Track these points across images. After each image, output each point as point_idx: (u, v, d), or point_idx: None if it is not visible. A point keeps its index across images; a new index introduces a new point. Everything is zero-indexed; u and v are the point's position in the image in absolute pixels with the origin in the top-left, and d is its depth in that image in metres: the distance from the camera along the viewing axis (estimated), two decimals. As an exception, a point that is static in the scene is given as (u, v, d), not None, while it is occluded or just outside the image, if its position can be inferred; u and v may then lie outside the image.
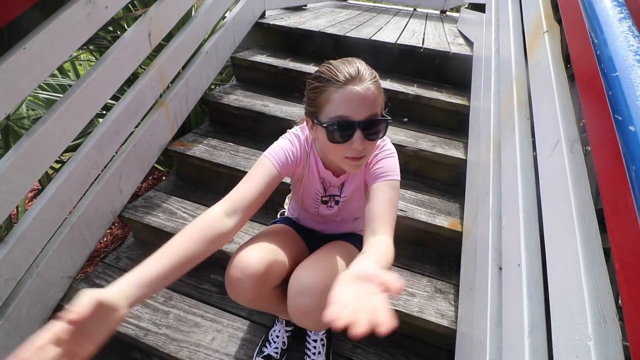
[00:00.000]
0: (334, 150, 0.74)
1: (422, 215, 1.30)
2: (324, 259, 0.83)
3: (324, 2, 3.24)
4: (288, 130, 0.90)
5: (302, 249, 0.99)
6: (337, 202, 0.93)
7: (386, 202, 0.78)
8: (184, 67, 1.56)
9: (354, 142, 0.70)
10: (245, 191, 0.76)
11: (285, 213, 1.14)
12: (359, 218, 1.01)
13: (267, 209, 1.44)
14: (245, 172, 1.44)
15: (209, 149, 1.54)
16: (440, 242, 1.31)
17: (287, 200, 1.22)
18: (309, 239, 1.02)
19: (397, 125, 1.71)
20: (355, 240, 0.98)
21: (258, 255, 0.79)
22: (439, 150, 1.48)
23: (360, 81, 0.69)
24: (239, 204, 0.73)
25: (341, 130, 0.70)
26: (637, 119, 0.35)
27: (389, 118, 0.74)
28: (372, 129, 0.71)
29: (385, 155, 0.84)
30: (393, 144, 1.45)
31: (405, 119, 1.77)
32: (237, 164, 1.45)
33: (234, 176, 1.46)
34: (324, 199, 0.93)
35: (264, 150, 0.87)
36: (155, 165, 1.74)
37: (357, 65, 0.72)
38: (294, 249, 0.94)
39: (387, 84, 1.79)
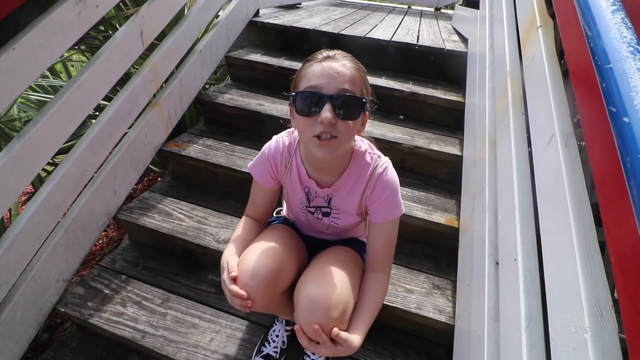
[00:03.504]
0: (304, 127, 0.71)
1: (419, 212, 1.30)
2: (330, 272, 0.79)
3: (318, 0, 3.23)
4: (274, 135, 0.89)
5: (304, 251, 0.97)
6: (325, 214, 0.89)
7: (389, 242, 0.85)
8: (177, 67, 1.55)
9: (321, 114, 0.66)
10: (254, 205, 0.95)
11: (282, 212, 1.13)
12: (352, 228, 0.98)
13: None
14: (241, 172, 1.43)
15: (204, 149, 1.53)
16: (437, 238, 1.31)
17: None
18: (307, 241, 1.00)
19: (393, 122, 1.71)
20: (358, 246, 0.95)
21: (269, 261, 0.78)
22: (435, 147, 1.48)
23: (336, 59, 0.70)
24: (256, 213, 0.95)
25: (309, 99, 0.67)
26: (632, 110, 0.35)
27: (365, 99, 0.71)
28: (344, 105, 0.67)
29: (387, 187, 0.81)
30: (389, 141, 1.47)
31: (402, 117, 1.77)
32: (233, 163, 1.44)
33: (230, 176, 1.45)
34: (309, 209, 0.90)
35: (260, 150, 0.88)
36: (150, 166, 1.72)
37: (338, 51, 0.73)
38: (298, 252, 0.92)
39: (383, 82, 1.78)
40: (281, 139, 0.87)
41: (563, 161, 0.64)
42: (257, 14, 2.17)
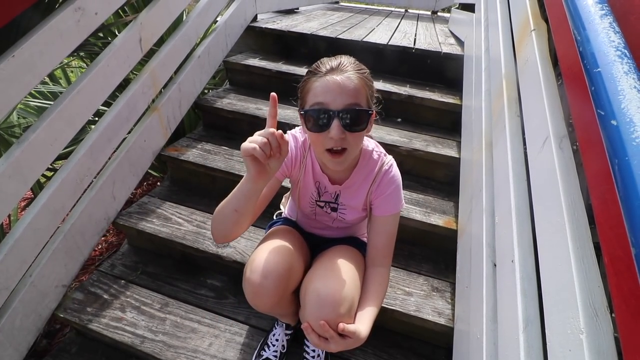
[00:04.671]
0: (315, 140, 0.74)
1: (417, 214, 1.30)
2: (336, 268, 0.81)
3: (316, 4, 3.26)
4: (288, 131, 0.90)
5: (308, 251, 0.99)
6: (333, 209, 0.92)
7: (390, 237, 0.87)
8: (176, 72, 1.56)
9: (330, 131, 0.69)
10: None
11: (283, 214, 1.14)
12: (356, 224, 1.00)
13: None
14: (240, 176, 1.43)
15: (203, 154, 1.54)
16: (435, 240, 1.31)
17: (283, 200, 1.21)
18: (309, 240, 1.01)
19: (390, 125, 1.72)
20: (359, 246, 0.97)
21: (280, 260, 0.80)
22: (432, 149, 1.49)
23: (340, 71, 0.70)
24: None
25: (318, 117, 0.69)
26: (619, 113, 0.36)
27: (371, 110, 0.72)
28: (351, 118, 0.69)
29: (392, 182, 0.85)
30: (387, 144, 1.48)
31: (399, 119, 1.78)
32: (231, 167, 1.45)
33: (229, 180, 1.45)
34: (319, 203, 0.92)
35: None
36: (149, 171, 1.73)
37: (341, 59, 0.73)
38: (304, 252, 0.94)
39: (380, 85, 1.80)
40: (295, 136, 0.88)
41: (557, 163, 0.65)
42: (255, 19, 2.18)
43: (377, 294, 0.83)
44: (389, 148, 1.48)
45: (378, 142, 0.93)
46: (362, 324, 0.74)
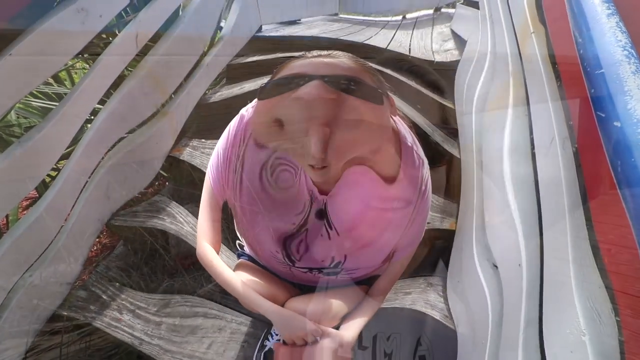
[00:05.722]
0: (264, 110, 0.52)
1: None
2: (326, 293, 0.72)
3: (317, 17, 3.31)
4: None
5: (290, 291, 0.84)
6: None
7: (397, 277, 0.75)
8: (186, 79, 1.59)
9: (305, 88, 0.45)
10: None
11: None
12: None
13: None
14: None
15: (203, 154, 1.53)
16: (436, 242, 1.31)
17: None
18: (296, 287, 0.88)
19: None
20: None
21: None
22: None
23: (331, 57, 0.49)
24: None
25: (286, 82, 0.47)
26: (623, 114, 0.35)
27: (382, 90, 0.51)
28: (345, 83, 0.45)
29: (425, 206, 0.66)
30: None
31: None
32: (232, 168, 1.44)
33: (229, 181, 1.45)
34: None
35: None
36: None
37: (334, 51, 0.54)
38: (282, 296, 0.79)
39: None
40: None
41: (561, 164, 0.64)
42: (260, 29, 2.27)
43: (369, 304, 0.74)
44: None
45: None
46: (347, 329, 0.68)
